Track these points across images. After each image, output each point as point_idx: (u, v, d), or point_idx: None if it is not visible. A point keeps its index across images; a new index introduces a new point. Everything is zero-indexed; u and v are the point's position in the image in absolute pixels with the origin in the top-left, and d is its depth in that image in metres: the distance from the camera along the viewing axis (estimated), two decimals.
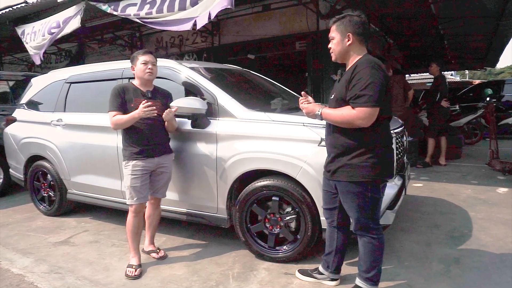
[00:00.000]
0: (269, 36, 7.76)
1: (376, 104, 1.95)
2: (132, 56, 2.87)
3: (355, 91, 1.98)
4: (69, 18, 5.15)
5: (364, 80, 1.96)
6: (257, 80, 4.18)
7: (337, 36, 2.14)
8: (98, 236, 3.60)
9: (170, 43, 9.40)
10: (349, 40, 2.11)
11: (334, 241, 2.44)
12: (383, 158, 2.11)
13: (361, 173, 2.06)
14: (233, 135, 2.92)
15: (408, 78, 17.98)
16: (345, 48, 2.14)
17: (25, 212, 4.45)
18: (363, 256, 2.21)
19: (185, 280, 2.68)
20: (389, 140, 2.21)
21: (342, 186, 2.16)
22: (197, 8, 4.07)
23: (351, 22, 2.10)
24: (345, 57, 2.17)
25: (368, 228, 2.16)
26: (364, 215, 2.14)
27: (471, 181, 5.19)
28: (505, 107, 9.84)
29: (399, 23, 8.61)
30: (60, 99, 4.08)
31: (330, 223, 2.42)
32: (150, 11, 4.42)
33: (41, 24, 5.68)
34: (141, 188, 2.78)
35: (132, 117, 2.71)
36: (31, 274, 2.86)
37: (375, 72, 1.98)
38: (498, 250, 2.98)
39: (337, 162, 2.14)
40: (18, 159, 4.50)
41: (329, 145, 2.24)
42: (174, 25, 4.33)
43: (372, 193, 2.10)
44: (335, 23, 2.17)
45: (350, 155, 2.08)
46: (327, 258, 2.50)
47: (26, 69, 11.67)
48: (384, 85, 2.00)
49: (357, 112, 1.98)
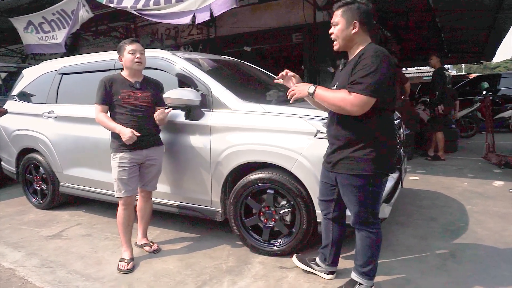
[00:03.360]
0: (266, 28, 7.67)
1: (374, 95, 1.88)
2: (119, 46, 2.79)
3: (356, 77, 1.91)
4: (76, 10, 5.15)
5: (368, 67, 1.88)
6: (253, 72, 4.12)
7: (341, 23, 2.02)
8: (91, 230, 3.55)
9: (166, 35, 9.29)
10: (354, 29, 2.00)
11: (330, 234, 2.40)
12: (386, 151, 2.05)
13: (363, 166, 2.00)
14: (228, 127, 2.87)
15: (405, 72, 17.94)
16: (349, 36, 2.02)
17: (17, 206, 4.39)
18: (360, 250, 2.17)
19: (178, 274, 2.64)
20: (393, 134, 2.15)
21: (343, 178, 2.10)
22: (195, 1, 3.99)
23: (359, 10, 1.99)
24: (348, 45, 2.07)
25: (367, 223, 2.12)
26: (364, 209, 2.09)
27: (467, 175, 5.18)
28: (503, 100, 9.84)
29: (396, 16, 8.54)
30: (52, 90, 4.01)
31: (325, 215, 2.38)
32: (147, 3, 4.35)
33: (42, 16, 5.66)
34: (128, 181, 2.72)
35: (114, 129, 2.68)
36: (22, 268, 2.82)
37: (380, 61, 1.89)
38: (494, 243, 2.97)
39: (339, 154, 2.08)
40: (10, 151, 4.43)
41: (331, 136, 2.16)
42: (172, 18, 4.27)
43: (373, 186, 2.05)
44: (341, 8, 2.03)
45: (353, 147, 2.02)
46: (324, 251, 2.47)
47: (20, 61, 11.52)
48: (388, 77, 1.92)
49: (353, 98, 1.91)
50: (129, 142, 2.63)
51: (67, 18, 5.41)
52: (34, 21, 5.93)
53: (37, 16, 5.84)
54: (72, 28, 5.40)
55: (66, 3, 5.26)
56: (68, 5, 5.24)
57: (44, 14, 5.70)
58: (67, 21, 5.45)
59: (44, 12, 5.69)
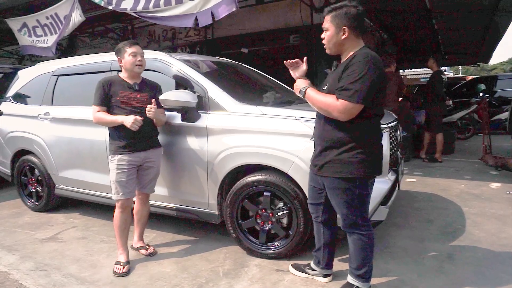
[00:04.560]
0: (263, 29, 7.68)
1: (361, 101, 1.88)
2: (118, 48, 2.78)
3: (344, 82, 1.91)
4: (68, 15, 5.12)
5: (356, 74, 1.88)
6: (250, 74, 4.11)
7: (331, 28, 2.03)
8: (87, 232, 3.53)
9: (163, 37, 9.28)
10: (344, 34, 2.00)
11: (321, 237, 2.41)
12: (372, 154, 2.05)
13: (349, 169, 2.00)
14: (224, 129, 2.86)
15: (402, 73, 17.99)
16: (339, 42, 2.03)
17: (12, 208, 4.36)
18: (354, 253, 2.17)
19: (174, 277, 2.62)
20: (379, 137, 2.15)
21: (329, 182, 2.10)
22: (196, 4, 3.98)
23: (347, 15, 1.98)
24: (339, 50, 2.07)
25: (357, 225, 2.11)
26: (352, 211, 2.09)
27: (464, 176, 5.18)
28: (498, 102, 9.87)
29: (393, 17, 8.55)
30: (47, 92, 3.98)
31: (315, 218, 2.39)
32: (147, 5, 4.33)
33: (36, 19, 5.65)
34: (126, 183, 2.71)
35: (115, 121, 2.65)
36: (16, 271, 2.79)
37: (370, 68, 1.88)
38: (491, 245, 2.97)
39: (324, 156, 2.08)
40: (5, 153, 4.39)
41: (317, 137, 2.16)
42: (175, 21, 4.25)
43: (360, 189, 2.05)
44: (330, 13, 2.03)
45: (339, 149, 2.02)
46: (317, 254, 2.47)
47: (16, 63, 11.48)
48: (377, 83, 1.91)
49: (340, 105, 1.91)
50: (134, 127, 2.60)
51: (59, 24, 5.43)
52: (28, 23, 5.94)
53: (31, 19, 5.83)
54: (62, 32, 5.39)
55: (60, 6, 5.24)
56: (62, 8, 5.23)
57: (39, 17, 5.70)
58: (59, 27, 5.46)
59: (38, 14, 5.68)
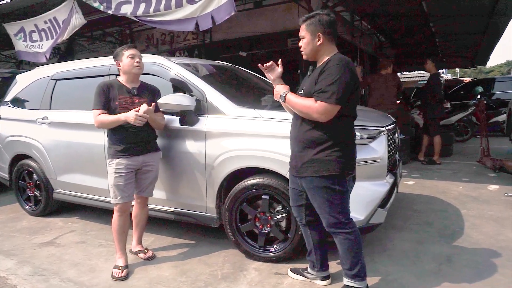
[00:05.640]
0: (261, 33, 7.69)
1: (337, 102, 1.98)
2: (116, 52, 2.79)
3: (321, 85, 2.02)
4: (67, 19, 5.10)
5: (332, 77, 1.99)
6: (248, 77, 4.12)
7: (307, 36, 2.16)
8: (85, 237, 3.52)
9: (161, 40, 9.29)
10: (320, 40, 2.12)
11: (310, 239, 2.43)
12: (347, 152, 2.14)
13: (327, 166, 2.08)
14: (222, 132, 2.86)
15: (400, 76, 18.05)
16: (315, 48, 2.15)
17: (10, 213, 4.35)
18: (343, 254, 2.19)
19: (173, 281, 2.61)
20: (353, 137, 2.24)
21: (309, 182, 2.15)
22: (196, 8, 4.00)
23: (320, 22, 2.11)
24: (316, 56, 2.19)
25: (340, 223, 2.14)
26: (334, 209, 2.13)
27: (462, 179, 5.19)
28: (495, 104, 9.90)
29: (391, 21, 8.60)
30: (45, 96, 3.98)
31: (300, 221, 2.41)
32: (147, 10, 4.34)
33: (34, 24, 5.63)
34: (125, 187, 2.71)
35: (118, 119, 2.65)
36: (14, 276, 2.78)
37: (344, 71, 2.00)
38: (490, 247, 2.97)
39: (302, 157, 2.15)
40: (3, 158, 4.39)
41: (294, 138, 2.23)
42: (175, 25, 4.27)
43: (339, 186, 2.11)
44: (305, 22, 2.17)
45: (315, 149, 2.10)
46: (310, 258, 2.49)
47: (15, 67, 11.47)
48: (351, 86, 2.03)
49: (318, 106, 2.01)
50: (138, 122, 2.60)
51: (57, 28, 5.37)
52: (26, 28, 5.88)
53: (29, 23, 5.80)
54: (60, 36, 5.35)
55: (59, 10, 5.22)
56: (61, 12, 5.20)
57: (37, 21, 5.66)
58: (56, 31, 5.41)
59: (37, 18, 5.65)
